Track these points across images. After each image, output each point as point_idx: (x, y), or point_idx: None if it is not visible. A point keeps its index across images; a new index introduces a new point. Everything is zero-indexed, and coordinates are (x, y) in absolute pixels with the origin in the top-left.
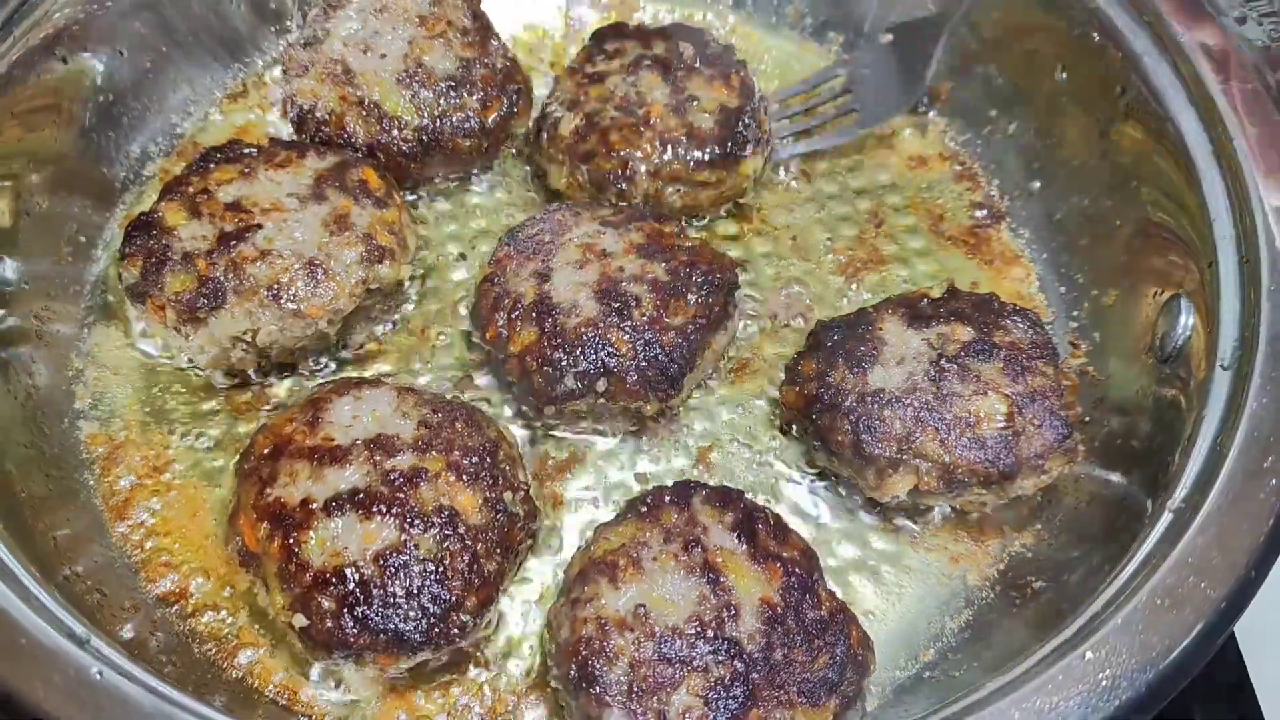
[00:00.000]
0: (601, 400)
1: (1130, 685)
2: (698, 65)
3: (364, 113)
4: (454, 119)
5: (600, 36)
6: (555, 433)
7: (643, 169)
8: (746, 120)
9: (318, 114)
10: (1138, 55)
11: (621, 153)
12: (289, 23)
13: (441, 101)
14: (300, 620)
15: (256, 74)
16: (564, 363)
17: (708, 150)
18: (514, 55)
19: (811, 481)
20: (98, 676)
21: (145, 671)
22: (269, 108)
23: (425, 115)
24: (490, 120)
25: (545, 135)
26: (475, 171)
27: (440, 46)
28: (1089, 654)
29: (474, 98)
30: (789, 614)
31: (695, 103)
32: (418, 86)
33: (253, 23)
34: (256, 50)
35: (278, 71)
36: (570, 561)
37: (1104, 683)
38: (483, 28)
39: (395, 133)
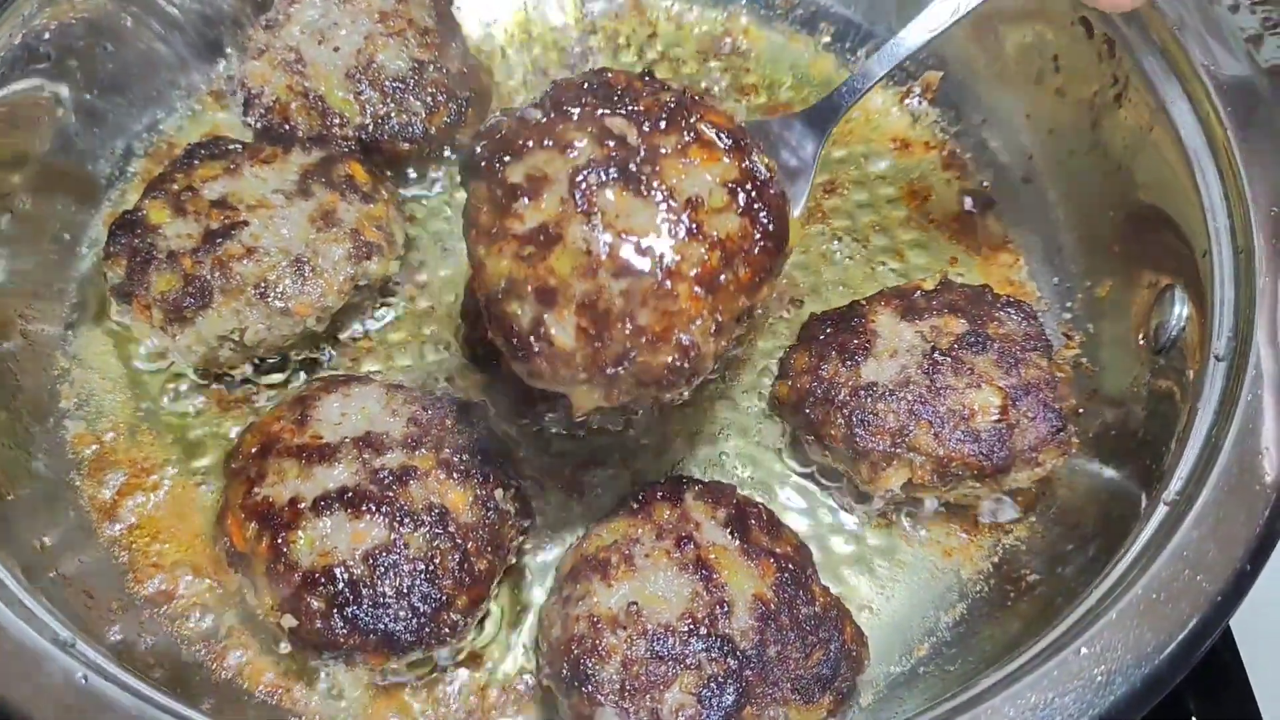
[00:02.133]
0: None
1: (1125, 681)
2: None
3: (308, 105)
4: (396, 121)
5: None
6: (547, 430)
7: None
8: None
9: (264, 100)
10: (1130, 43)
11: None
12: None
13: (387, 102)
14: (289, 621)
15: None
16: None
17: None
18: (475, 61)
19: (804, 476)
20: (82, 681)
21: (131, 675)
22: None
23: (367, 114)
24: (434, 127)
25: None
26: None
27: (395, 45)
28: (1084, 649)
29: (420, 102)
30: (782, 610)
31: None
32: (365, 84)
33: (240, 14)
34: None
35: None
36: (562, 559)
37: (1099, 678)
38: (446, 29)
39: (336, 129)
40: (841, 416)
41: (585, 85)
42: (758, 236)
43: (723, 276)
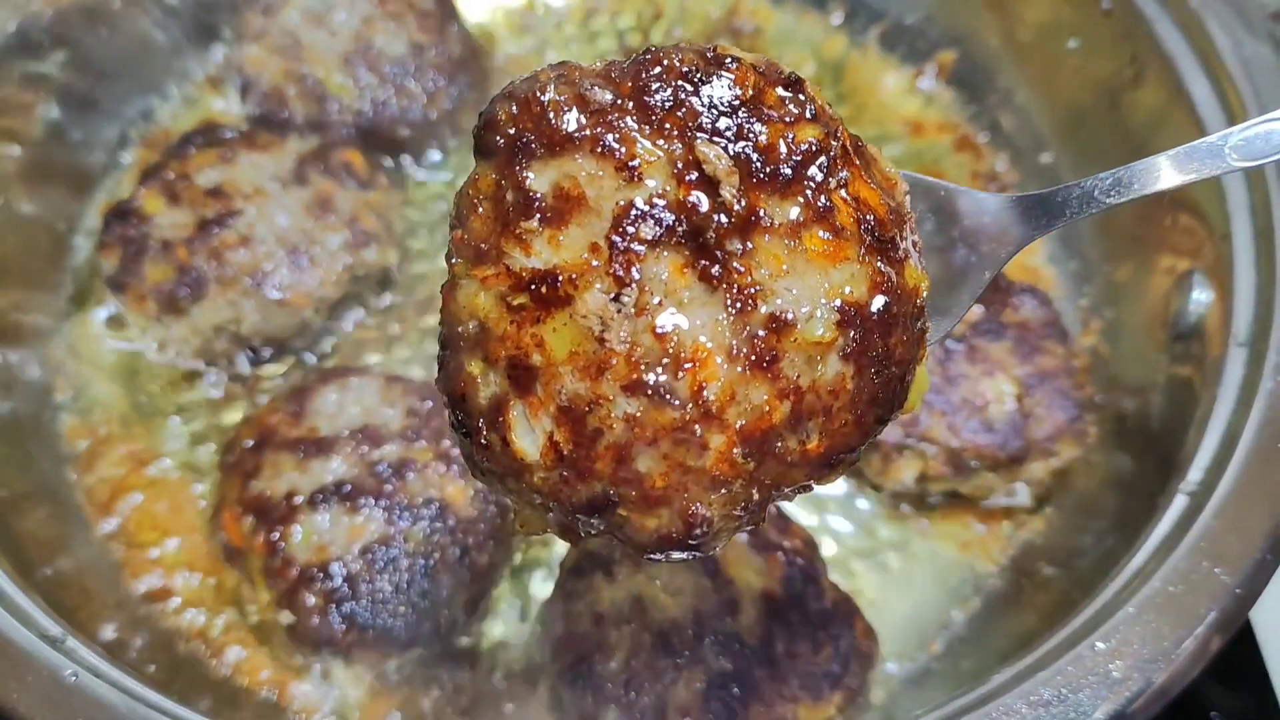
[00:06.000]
0: None
1: (1142, 676)
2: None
3: (305, 90)
4: (396, 106)
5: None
6: None
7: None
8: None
9: (261, 85)
10: (1149, 21)
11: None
12: None
13: (386, 86)
14: (286, 617)
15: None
16: None
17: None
18: (476, 44)
19: None
20: (71, 679)
21: (122, 672)
22: None
23: (366, 99)
24: (434, 111)
25: None
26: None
27: (394, 28)
28: (1099, 644)
29: (420, 86)
30: (791, 606)
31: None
32: (363, 68)
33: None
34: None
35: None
36: (565, 553)
37: (1115, 674)
38: (446, 11)
39: (334, 115)
40: None
41: (692, 72)
42: (859, 397)
43: (781, 442)
